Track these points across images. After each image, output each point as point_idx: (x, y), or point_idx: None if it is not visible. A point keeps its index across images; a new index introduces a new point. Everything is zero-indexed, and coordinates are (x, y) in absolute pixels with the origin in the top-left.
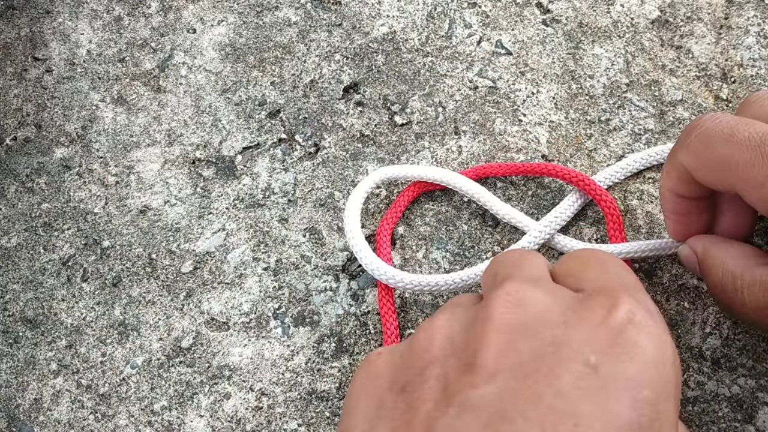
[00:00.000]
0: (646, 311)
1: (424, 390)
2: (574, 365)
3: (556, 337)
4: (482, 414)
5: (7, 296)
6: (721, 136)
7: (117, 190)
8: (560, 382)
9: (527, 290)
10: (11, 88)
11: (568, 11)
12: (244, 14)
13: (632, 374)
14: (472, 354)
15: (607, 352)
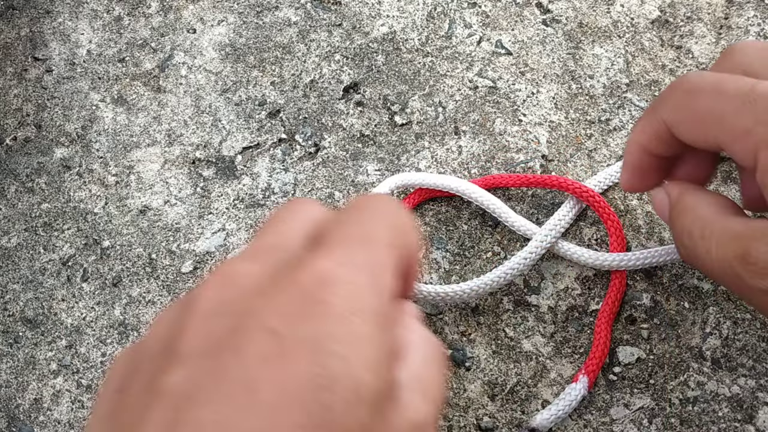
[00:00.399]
0: (341, 266)
1: (134, 386)
2: (257, 335)
3: (249, 309)
4: (172, 398)
5: (7, 296)
6: (707, 88)
7: (117, 190)
8: (243, 354)
9: (240, 265)
10: (11, 88)
11: (568, 11)
12: (244, 14)
13: (313, 331)
14: (173, 341)
15: (291, 314)
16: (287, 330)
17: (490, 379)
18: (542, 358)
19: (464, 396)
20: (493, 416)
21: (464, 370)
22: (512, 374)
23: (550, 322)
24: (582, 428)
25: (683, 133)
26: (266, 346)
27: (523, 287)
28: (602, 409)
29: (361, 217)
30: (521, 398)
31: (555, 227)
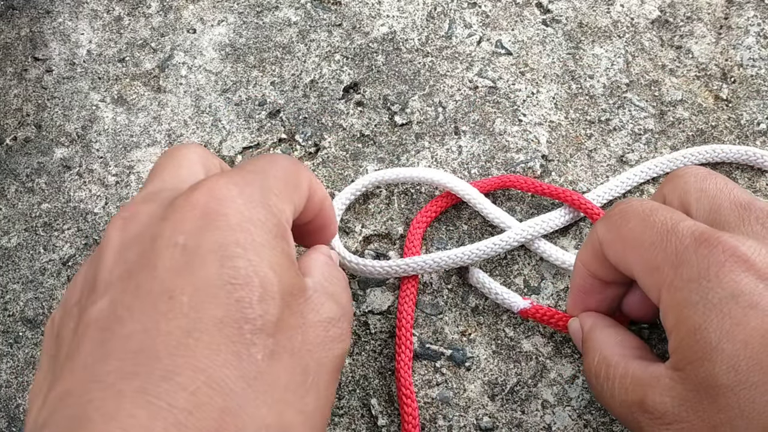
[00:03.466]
0: (233, 185)
1: (68, 326)
2: (165, 251)
3: (154, 233)
4: (99, 323)
5: (7, 296)
6: (640, 214)
7: (117, 190)
8: (156, 270)
9: (136, 205)
10: (11, 88)
11: (568, 11)
12: (244, 14)
13: (216, 239)
14: (94, 279)
15: (194, 229)
16: (193, 242)
17: (490, 379)
18: (542, 358)
19: (464, 396)
20: (493, 416)
21: (464, 370)
22: (512, 374)
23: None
24: (582, 428)
25: (609, 254)
26: (176, 258)
27: (523, 287)
28: (602, 409)
29: (254, 159)
30: (521, 398)
31: (534, 226)
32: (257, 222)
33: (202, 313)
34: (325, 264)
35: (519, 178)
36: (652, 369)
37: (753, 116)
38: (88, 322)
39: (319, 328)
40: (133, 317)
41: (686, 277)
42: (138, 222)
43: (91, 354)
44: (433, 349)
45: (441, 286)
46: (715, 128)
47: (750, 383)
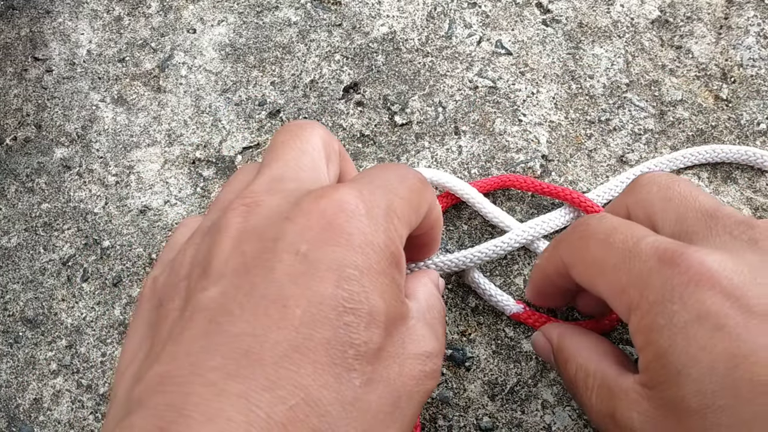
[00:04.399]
0: (361, 202)
1: (174, 301)
2: (286, 256)
3: (277, 233)
4: (208, 312)
5: (7, 296)
6: (599, 236)
7: (117, 190)
8: (274, 273)
9: (261, 195)
10: (11, 88)
11: (568, 11)
12: (244, 14)
13: (337, 257)
14: (207, 262)
15: (317, 239)
16: (314, 254)
17: (490, 379)
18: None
19: (464, 396)
20: (493, 416)
21: (464, 370)
22: (512, 374)
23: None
24: (582, 428)
25: (576, 277)
26: (296, 267)
27: (522, 287)
28: None
29: (383, 169)
30: (521, 398)
31: (535, 226)
32: (377, 247)
33: (312, 329)
34: (430, 293)
35: (519, 177)
36: (622, 380)
37: (753, 116)
38: (197, 307)
39: (417, 361)
40: (244, 317)
41: (651, 299)
42: (260, 214)
43: (196, 342)
44: None
45: None
46: (715, 128)
47: (716, 407)
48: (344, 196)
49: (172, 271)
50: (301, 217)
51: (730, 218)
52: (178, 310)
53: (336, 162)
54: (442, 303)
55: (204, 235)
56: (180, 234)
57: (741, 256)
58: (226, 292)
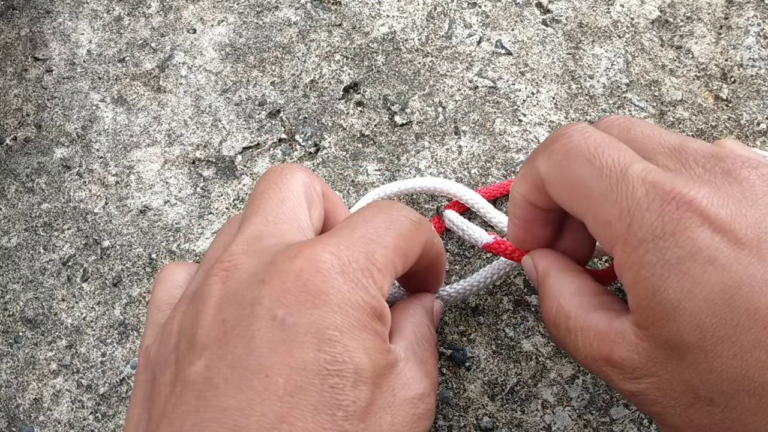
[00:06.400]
0: (337, 259)
1: (165, 374)
2: (264, 323)
3: (254, 298)
4: (196, 387)
5: (7, 296)
6: (585, 154)
7: (117, 190)
8: (254, 341)
9: (240, 257)
10: (11, 88)
11: (568, 11)
12: (244, 14)
13: (315, 319)
14: (192, 333)
15: (293, 303)
16: (292, 319)
17: (490, 379)
18: (542, 358)
19: (464, 396)
20: (493, 416)
21: (464, 370)
22: (512, 374)
23: None
24: (582, 428)
25: (554, 195)
26: (275, 334)
27: (522, 287)
28: (602, 409)
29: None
30: (521, 398)
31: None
32: (355, 305)
33: (297, 397)
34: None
35: None
36: (616, 324)
37: (753, 116)
38: (185, 382)
39: (408, 406)
40: (229, 391)
41: (640, 236)
42: (238, 279)
43: (187, 420)
44: None
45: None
46: (715, 128)
47: (715, 339)
48: (319, 255)
49: (162, 341)
50: (277, 279)
51: (698, 152)
52: (169, 384)
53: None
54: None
55: (189, 301)
56: (162, 290)
57: (723, 189)
58: (211, 365)
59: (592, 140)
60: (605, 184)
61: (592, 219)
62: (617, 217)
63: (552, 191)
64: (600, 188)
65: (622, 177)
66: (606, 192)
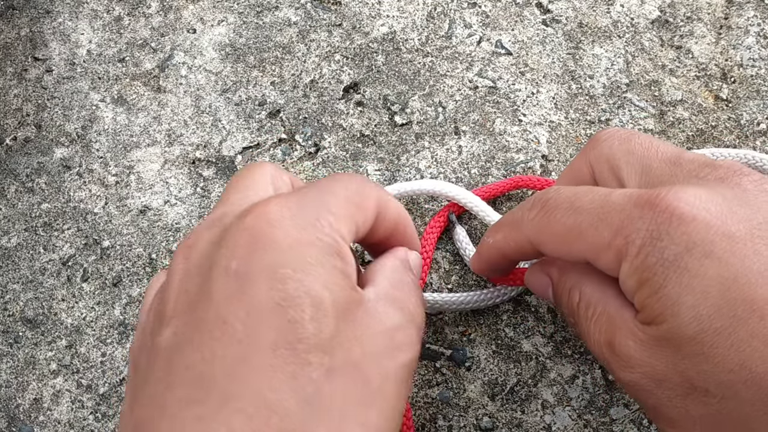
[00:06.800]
0: (286, 209)
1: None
2: (220, 279)
3: (211, 262)
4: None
5: (7, 296)
6: (564, 205)
7: (117, 190)
8: (212, 298)
9: (200, 232)
10: (11, 88)
11: (568, 11)
12: (244, 14)
13: (266, 263)
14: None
15: (245, 254)
16: (244, 267)
17: (490, 379)
18: (542, 358)
19: (464, 396)
20: (493, 416)
21: (464, 370)
22: (512, 374)
23: (550, 322)
24: (582, 428)
25: (550, 252)
26: (230, 285)
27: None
28: (602, 409)
29: (325, 179)
30: (521, 398)
31: None
32: (307, 242)
33: (255, 337)
34: (392, 269)
35: (531, 177)
36: (623, 311)
37: (753, 116)
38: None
39: (381, 337)
40: (193, 349)
41: (639, 243)
42: (198, 250)
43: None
44: (433, 349)
45: (441, 286)
46: (715, 128)
47: (712, 330)
48: (269, 208)
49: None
50: (230, 238)
51: (693, 162)
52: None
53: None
54: (409, 275)
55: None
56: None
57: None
58: (177, 331)
59: (566, 192)
60: (592, 216)
61: (590, 251)
62: (613, 235)
63: (546, 250)
64: (588, 221)
65: (606, 203)
66: (595, 222)
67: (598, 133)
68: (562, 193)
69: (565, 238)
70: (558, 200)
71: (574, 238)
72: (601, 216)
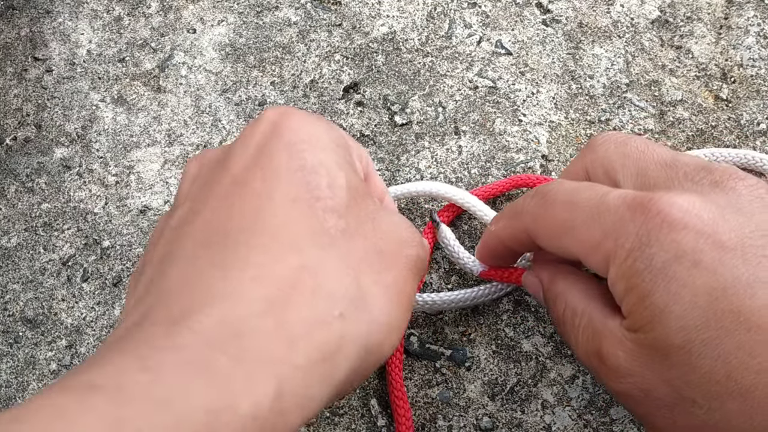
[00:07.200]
0: (301, 111)
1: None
2: (237, 156)
3: (227, 151)
4: (176, 225)
5: (7, 296)
6: (562, 199)
7: (117, 190)
8: (228, 170)
9: (210, 152)
10: (11, 88)
11: (568, 11)
12: (244, 14)
13: (284, 142)
14: (173, 203)
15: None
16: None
17: (490, 379)
18: (542, 358)
19: (464, 396)
20: (493, 416)
21: (464, 370)
22: (512, 374)
23: (550, 322)
24: (582, 428)
25: (543, 244)
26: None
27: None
28: (602, 409)
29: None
30: (521, 398)
31: None
32: (322, 133)
33: (274, 192)
34: (390, 200)
35: (531, 176)
36: (609, 321)
37: (753, 116)
38: (170, 228)
39: (389, 224)
40: (207, 209)
41: (628, 247)
42: (213, 153)
43: (165, 246)
44: (433, 349)
45: (441, 286)
46: (715, 128)
47: (699, 340)
48: (282, 107)
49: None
50: (247, 130)
51: (688, 165)
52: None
53: None
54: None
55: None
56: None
57: (708, 197)
58: (191, 205)
59: (567, 186)
60: (586, 214)
61: (581, 249)
62: (604, 236)
63: (540, 241)
64: (582, 218)
65: (602, 203)
66: (588, 220)
67: (594, 138)
68: (563, 187)
69: (558, 233)
70: (557, 193)
71: (567, 234)
72: (594, 215)
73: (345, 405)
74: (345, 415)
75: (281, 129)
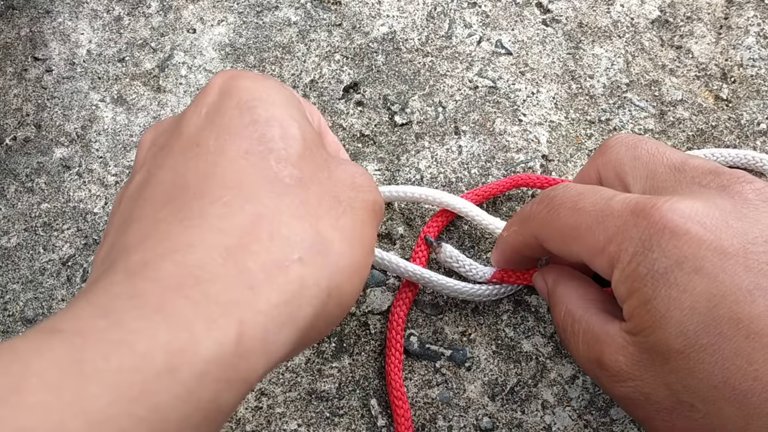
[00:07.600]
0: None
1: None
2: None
3: (180, 119)
4: (135, 189)
5: (7, 296)
6: (567, 204)
7: (117, 190)
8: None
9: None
10: (11, 88)
11: (568, 11)
12: (244, 14)
13: (235, 101)
14: (132, 170)
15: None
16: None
17: (490, 379)
18: (542, 358)
19: (464, 396)
20: (493, 416)
21: (464, 370)
22: (512, 374)
23: (550, 322)
24: (582, 428)
25: (552, 248)
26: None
27: (523, 287)
28: (602, 409)
29: None
30: (521, 398)
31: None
32: (273, 90)
33: (228, 148)
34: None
35: (531, 176)
36: (608, 327)
37: (753, 116)
38: (129, 194)
39: (344, 172)
40: (163, 171)
41: (631, 251)
42: (166, 121)
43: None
44: (433, 349)
45: None
46: (715, 128)
47: (698, 346)
48: (232, 71)
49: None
50: (197, 96)
51: (697, 169)
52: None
53: None
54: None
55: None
56: None
57: (711, 201)
58: (148, 169)
59: (572, 190)
60: (591, 219)
61: (586, 253)
62: (608, 241)
63: (549, 246)
64: (587, 223)
65: (606, 208)
66: (593, 224)
67: (607, 140)
68: (569, 191)
69: (565, 238)
70: (564, 198)
71: (573, 239)
72: (599, 219)
73: (345, 405)
74: (345, 415)
75: (231, 90)
